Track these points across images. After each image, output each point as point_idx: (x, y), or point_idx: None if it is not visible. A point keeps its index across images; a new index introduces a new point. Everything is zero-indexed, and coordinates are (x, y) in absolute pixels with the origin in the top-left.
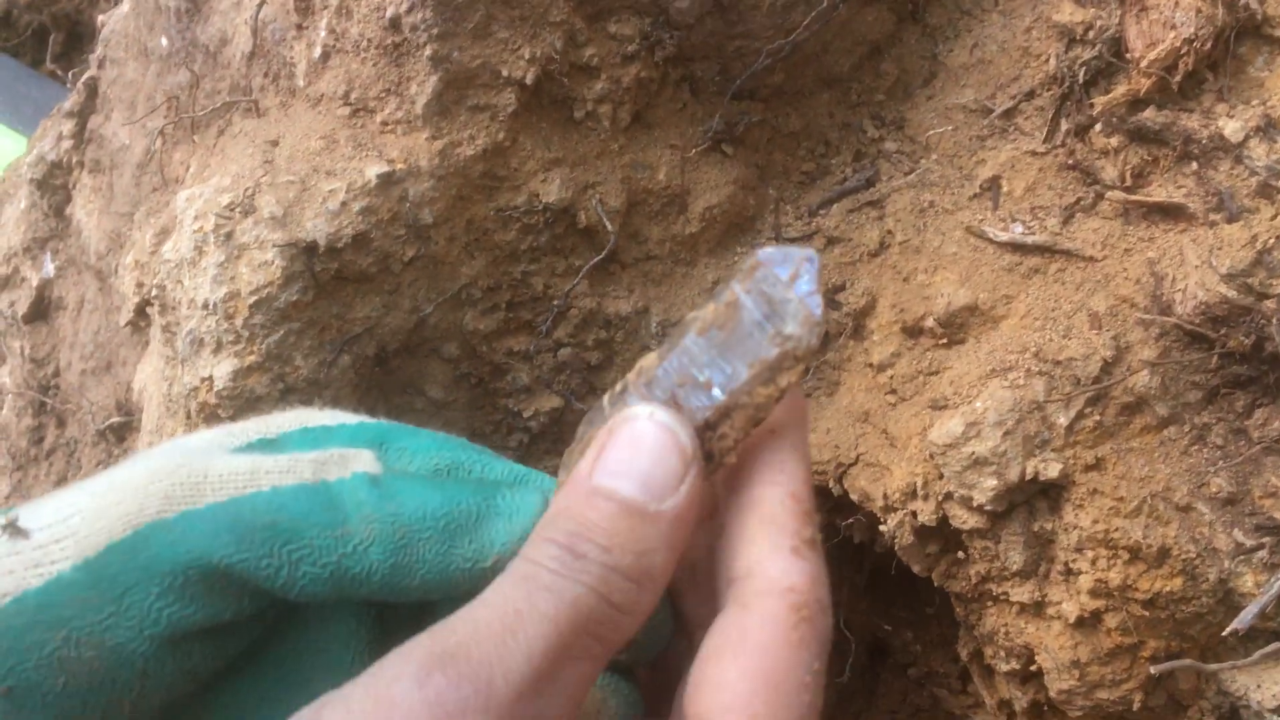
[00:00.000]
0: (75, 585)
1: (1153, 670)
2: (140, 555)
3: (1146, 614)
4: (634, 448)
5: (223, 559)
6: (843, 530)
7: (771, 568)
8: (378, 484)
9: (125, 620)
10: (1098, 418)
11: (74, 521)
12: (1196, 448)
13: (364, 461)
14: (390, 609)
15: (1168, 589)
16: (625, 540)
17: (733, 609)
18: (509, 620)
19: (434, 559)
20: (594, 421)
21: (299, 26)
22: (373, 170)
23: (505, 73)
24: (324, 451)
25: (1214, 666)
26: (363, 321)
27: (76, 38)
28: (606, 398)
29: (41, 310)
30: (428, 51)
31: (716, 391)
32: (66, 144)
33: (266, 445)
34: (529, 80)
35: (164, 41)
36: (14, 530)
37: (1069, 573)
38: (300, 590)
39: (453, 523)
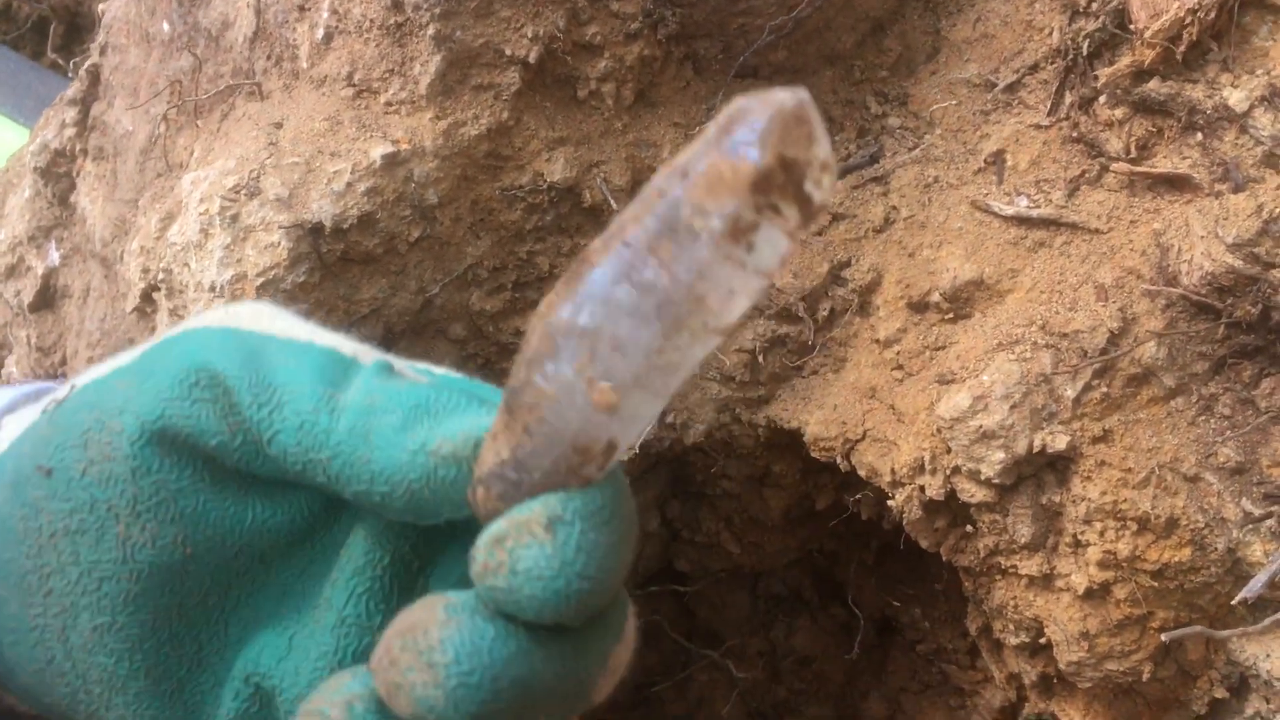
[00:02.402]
0: (124, 373)
1: (1164, 638)
2: (175, 349)
3: (1155, 585)
4: None
5: (225, 370)
6: (851, 506)
7: None
8: (389, 373)
9: (134, 405)
10: (1105, 389)
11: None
12: (1204, 418)
13: (403, 364)
14: (417, 542)
15: (1176, 559)
16: None
17: None
18: None
19: (389, 434)
20: None
21: (301, 8)
22: (377, 151)
23: (508, 51)
24: (376, 351)
25: (1224, 633)
26: (369, 303)
27: (76, 29)
28: None
29: (47, 299)
30: (430, 31)
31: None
32: (70, 131)
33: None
34: (532, 59)
35: (165, 26)
36: None
37: (1077, 545)
38: (275, 438)
39: (420, 407)
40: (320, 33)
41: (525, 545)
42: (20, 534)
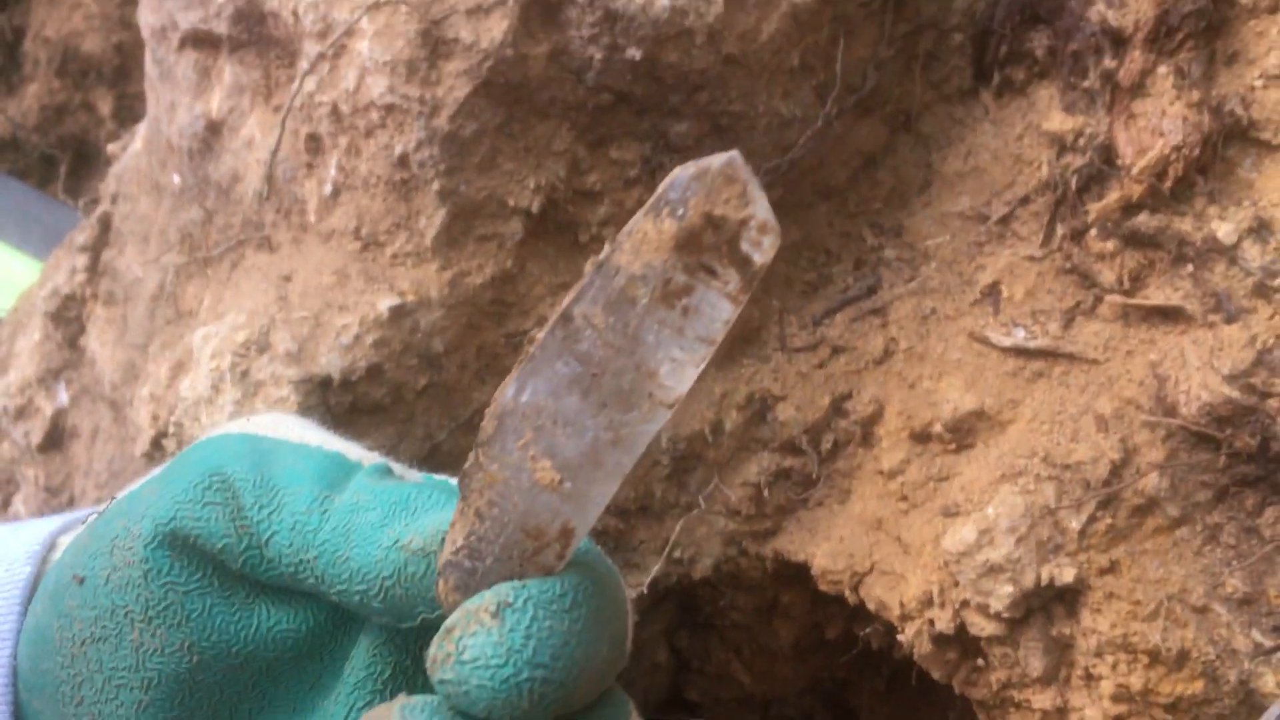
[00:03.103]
0: (153, 481)
1: None
2: (196, 455)
3: (1170, 718)
4: None
5: (232, 473)
6: (861, 639)
7: None
8: (385, 475)
9: (152, 509)
10: (1110, 520)
11: None
12: (1210, 548)
13: (403, 469)
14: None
15: (1189, 692)
16: None
17: None
18: None
19: (367, 531)
20: None
21: (309, 165)
22: (384, 303)
23: (511, 202)
24: (380, 456)
25: None
26: (377, 451)
27: (84, 159)
28: None
29: (56, 439)
30: (435, 186)
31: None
32: (80, 277)
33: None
34: (535, 209)
35: (176, 179)
36: None
37: (1090, 678)
38: (272, 539)
39: (399, 504)
40: (328, 188)
41: (472, 633)
42: (56, 644)
